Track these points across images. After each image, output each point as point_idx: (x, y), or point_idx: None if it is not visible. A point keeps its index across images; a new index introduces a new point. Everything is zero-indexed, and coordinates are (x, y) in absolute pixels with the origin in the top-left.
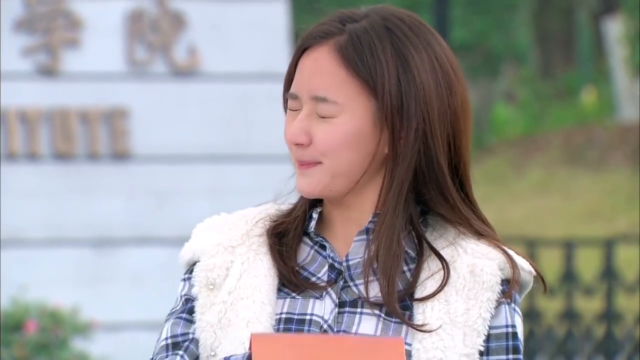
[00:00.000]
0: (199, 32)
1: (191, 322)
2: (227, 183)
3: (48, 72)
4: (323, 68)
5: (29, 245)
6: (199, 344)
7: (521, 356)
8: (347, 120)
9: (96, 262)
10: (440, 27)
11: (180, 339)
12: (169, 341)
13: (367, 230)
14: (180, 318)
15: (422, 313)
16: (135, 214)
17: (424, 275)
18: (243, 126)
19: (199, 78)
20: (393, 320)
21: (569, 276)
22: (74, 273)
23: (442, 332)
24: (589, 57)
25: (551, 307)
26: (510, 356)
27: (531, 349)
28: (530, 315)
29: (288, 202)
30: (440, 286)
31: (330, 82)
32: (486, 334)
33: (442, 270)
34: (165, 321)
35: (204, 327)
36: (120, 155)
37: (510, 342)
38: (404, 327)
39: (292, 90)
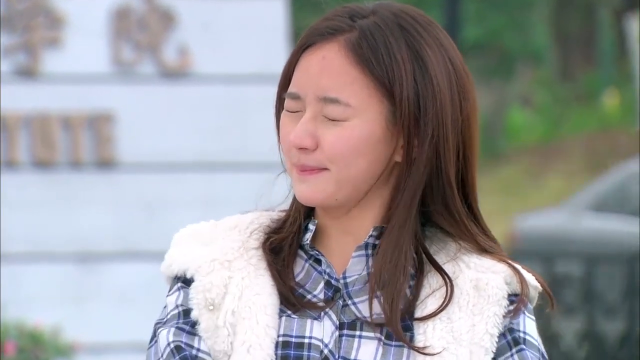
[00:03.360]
0: (190, 31)
1: (194, 334)
2: (221, 193)
3: (27, 73)
4: (333, 67)
5: (6, 261)
6: None
7: (528, 349)
8: (358, 124)
9: (80, 279)
10: (452, 25)
11: (183, 344)
12: (172, 346)
13: (366, 245)
14: (182, 330)
15: (423, 333)
16: (121, 227)
17: (424, 292)
18: (238, 132)
19: (191, 80)
20: (393, 343)
21: (590, 294)
22: (55, 290)
23: (446, 352)
24: (611, 57)
25: (571, 327)
26: (514, 349)
27: None
28: (548, 337)
29: (278, 209)
30: (443, 304)
31: (342, 83)
32: (494, 350)
33: (444, 287)
34: (158, 330)
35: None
36: (106, 164)
37: (517, 343)
38: (405, 350)
39: (294, 89)
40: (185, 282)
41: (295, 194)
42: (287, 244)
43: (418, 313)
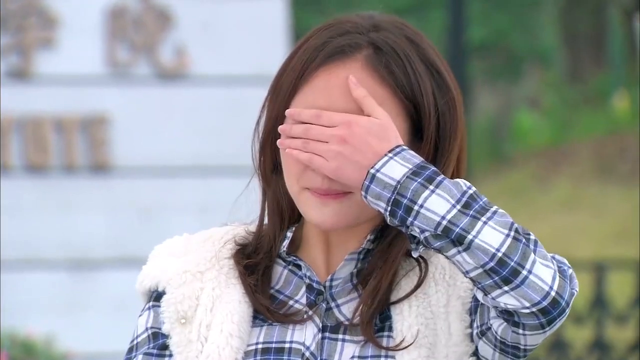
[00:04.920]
0: (187, 31)
1: (163, 356)
2: (219, 198)
3: (20, 75)
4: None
5: None
6: None
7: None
8: None
9: (73, 286)
10: (457, 25)
11: None
12: None
13: (360, 250)
14: (150, 355)
15: (400, 313)
16: (116, 233)
17: (398, 277)
18: (236, 135)
19: (188, 82)
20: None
21: (599, 302)
22: (48, 298)
23: (425, 328)
24: (621, 58)
25: (580, 336)
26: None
27: None
28: (557, 346)
29: (254, 222)
30: (418, 281)
31: None
32: (470, 300)
33: (417, 267)
34: (131, 357)
35: None
36: (100, 168)
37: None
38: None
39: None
40: (157, 298)
41: (312, 219)
42: (261, 258)
43: (393, 297)
